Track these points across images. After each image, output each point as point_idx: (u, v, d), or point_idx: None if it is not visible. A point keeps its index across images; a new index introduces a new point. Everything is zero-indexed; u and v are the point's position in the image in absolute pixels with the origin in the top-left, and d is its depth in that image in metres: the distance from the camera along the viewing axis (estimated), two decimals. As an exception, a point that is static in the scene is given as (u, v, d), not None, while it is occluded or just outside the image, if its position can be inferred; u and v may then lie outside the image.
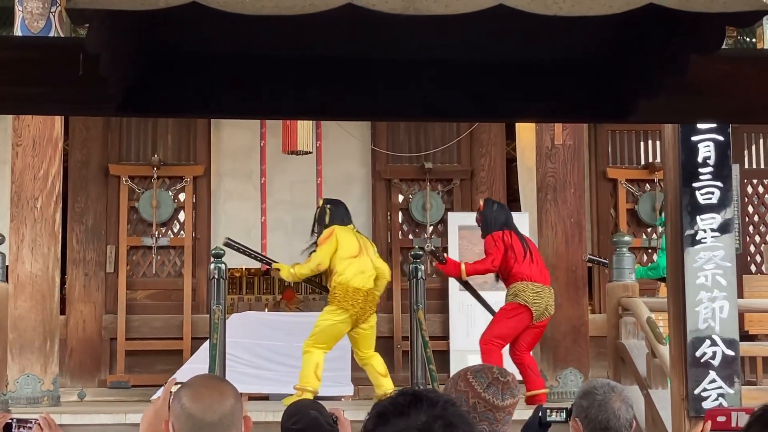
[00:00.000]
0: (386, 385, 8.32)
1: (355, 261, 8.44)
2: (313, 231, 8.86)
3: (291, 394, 8.20)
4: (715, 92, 3.60)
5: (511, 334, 8.60)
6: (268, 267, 9.72)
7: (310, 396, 7.86)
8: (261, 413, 7.58)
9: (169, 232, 11.04)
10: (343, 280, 8.32)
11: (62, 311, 10.14)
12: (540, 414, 3.85)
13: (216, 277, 8.52)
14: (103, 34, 2.49)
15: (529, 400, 8.23)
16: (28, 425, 3.91)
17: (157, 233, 10.91)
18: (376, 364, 8.57)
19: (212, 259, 8.68)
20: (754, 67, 3.70)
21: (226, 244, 9.35)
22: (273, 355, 9.85)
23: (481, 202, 9.13)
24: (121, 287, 10.68)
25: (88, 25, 2.41)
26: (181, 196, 11.04)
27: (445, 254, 9.39)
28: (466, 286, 9.28)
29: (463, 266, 8.87)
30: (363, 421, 1.99)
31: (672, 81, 2.97)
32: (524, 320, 8.58)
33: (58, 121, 9.36)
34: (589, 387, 3.65)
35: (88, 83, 2.85)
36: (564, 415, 3.73)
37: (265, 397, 9.22)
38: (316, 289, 10.00)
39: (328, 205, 8.71)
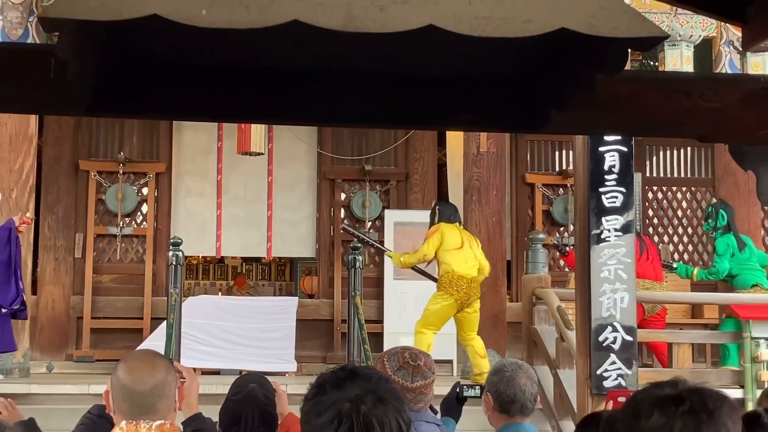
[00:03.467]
0: (483, 366, 8.26)
1: (459, 252, 8.53)
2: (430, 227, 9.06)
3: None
4: (620, 108, 3.64)
5: None
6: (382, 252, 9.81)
7: None
8: (212, 386, 7.53)
9: (133, 222, 10.94)
10: (449, 269, 8.41)
11: (34, 292, 10.04)
12: (458, 390, 3.87)
13: (174, 263, 8.46)
14: (72, 42, 2.46)
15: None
16: None
17: (121, 223, 10.81)
18: (477, 345, 8.60)
19: (171, 248, 8.62)
20: (654, 87, 3.75)
21: (344, 230, 9.84)
22: (225, 334, 9.81)
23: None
24: (87, 271, 10.56)
25: (58, 32, 2.38)
26: (144, 191, 10.94)
27: (567, 248, 9.47)
28: None
29: None
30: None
31: (581, 97, 2.99)
32: (638, 314, 8.72)
33: (33, 120, 9.27)
34: (500, 365, 3.69)
35: (59, 86, 2.81)
36: (478, 390, 3.76)
37: (216, 372, 9.18)
38: (426, 276, 9.86)
39: (437, 206, 8.96)
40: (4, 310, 8.37)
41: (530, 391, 3.58)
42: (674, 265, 9.92)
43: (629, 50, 2.65)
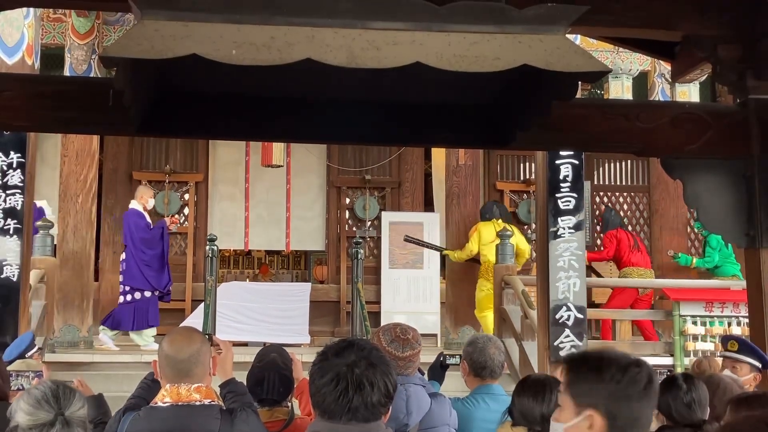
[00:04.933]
0: None
1: (494, 245, 8.49)
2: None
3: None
4: (572, 129, 3.65)
5: (624, 305, 8.69)
6: (439, 251, 9.78)
7: None
8: (241, 356, 7.46)
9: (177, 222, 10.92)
10: (486, 260, 8.43)
11: (96, 278, 10.00)
12: (441, 358, 3.87)
13: (210, 255, 8.45)
14: (126, 76, 2.46)
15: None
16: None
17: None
18: None
19: (208, 243, 8.61)
20: (599, 112, 3.76)
21: (406, 239, 9.64)
22: (251, 313, 9.78)
23: (603, 208, 9.45)
24: (140, 262, 10.52)
25: (115, 68, 2.39)
26: (186, 196, 10.91)
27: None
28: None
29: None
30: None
31: (540, 120, 3.00)
32: (632, 294, 8.72)
33: (95, 138, 9.25)
34: (473, 338, 3.69)
35: (116, 110, 2.82)
36: (458, 358, 3.76)
37: (244, 344, 9.15)
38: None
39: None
40: (157, 293, 8.61)
41: (498, 359, 3.58)
42: (678, 255, 9.99)
43: (579, 82, 2.65)
